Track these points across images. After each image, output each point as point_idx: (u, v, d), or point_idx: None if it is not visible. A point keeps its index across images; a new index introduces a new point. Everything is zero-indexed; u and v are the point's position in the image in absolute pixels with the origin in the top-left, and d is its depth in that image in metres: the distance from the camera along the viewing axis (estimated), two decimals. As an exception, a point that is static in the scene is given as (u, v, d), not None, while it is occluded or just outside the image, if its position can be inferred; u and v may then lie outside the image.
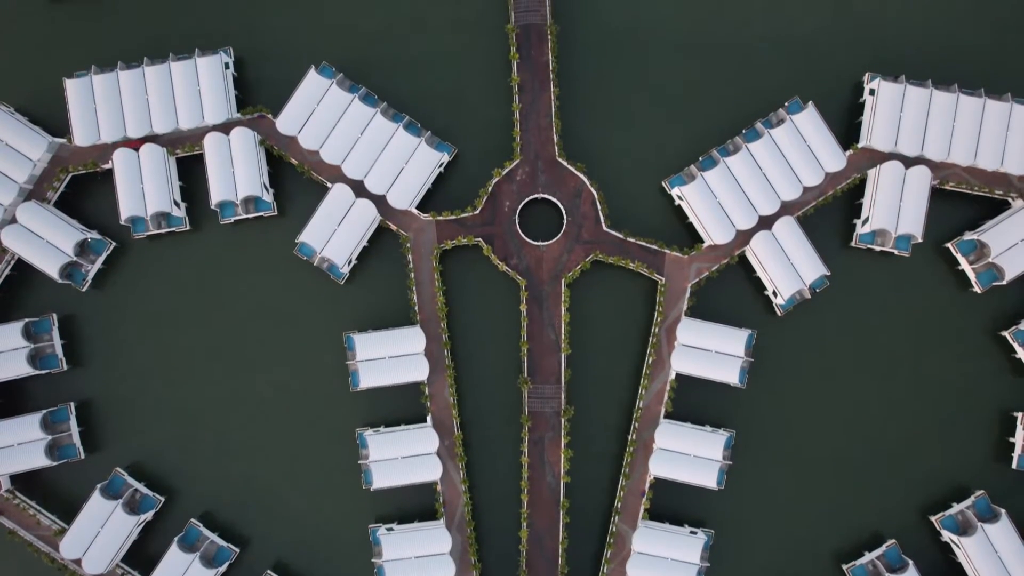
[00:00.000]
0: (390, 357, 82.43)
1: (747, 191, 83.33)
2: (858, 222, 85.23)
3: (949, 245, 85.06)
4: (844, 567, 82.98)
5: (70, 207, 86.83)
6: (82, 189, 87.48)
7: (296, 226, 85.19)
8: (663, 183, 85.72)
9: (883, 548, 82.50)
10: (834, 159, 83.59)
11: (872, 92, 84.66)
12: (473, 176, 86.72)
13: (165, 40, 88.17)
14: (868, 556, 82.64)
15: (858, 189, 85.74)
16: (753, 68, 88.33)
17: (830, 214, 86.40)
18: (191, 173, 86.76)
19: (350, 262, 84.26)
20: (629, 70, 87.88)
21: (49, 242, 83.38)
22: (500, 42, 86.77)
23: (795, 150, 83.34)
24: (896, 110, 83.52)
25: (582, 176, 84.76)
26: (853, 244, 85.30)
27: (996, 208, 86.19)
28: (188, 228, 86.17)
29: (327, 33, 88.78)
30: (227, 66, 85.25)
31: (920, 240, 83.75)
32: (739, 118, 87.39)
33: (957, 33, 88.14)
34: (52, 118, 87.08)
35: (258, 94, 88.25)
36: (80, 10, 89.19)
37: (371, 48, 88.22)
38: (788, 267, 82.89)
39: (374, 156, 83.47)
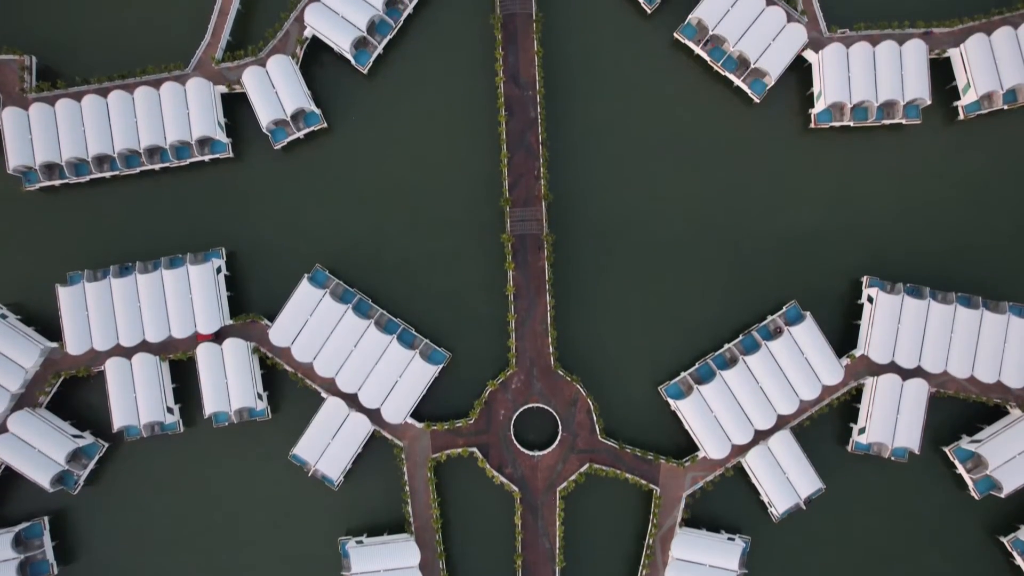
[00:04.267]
0: (385, 571, 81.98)
1: (744, 405, 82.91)
2: (855, 427, 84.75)
3: (947, 451, 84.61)
4: None
5: (62, 403, 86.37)
6: (75, 384, 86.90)
7: (290, 428, 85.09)
8: (660, 390, 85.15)
9: None
10: (831, 373, 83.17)
11: (870, 299, 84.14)
12: (468, 377, 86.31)
13: (160, 236, 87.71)
14: None
15: (856, 391, 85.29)
16: (749, 267, 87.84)
17: (827, 416, 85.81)
18: (185, 371, 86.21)
19: (344, 471, 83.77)
20: (624, 273, 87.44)
21: (40, 451, 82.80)
22: (496, 247, 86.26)
23: (792, 364, 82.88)
24: (894, 321, 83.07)
25: (578, 385, 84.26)
26: (850, 450, 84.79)
27: (995, 408, 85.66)
28: (181, 431, 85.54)
29: (322, 231, 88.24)
30: (219, 270, 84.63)
31: (917, 452, 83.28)
32: (736, 316, 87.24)
33: (954, 236, 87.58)
34: (44, 314, 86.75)
35: (253, 291, 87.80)
36: (74, 206, 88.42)
37: (367, 249, 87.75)
38: (784, 482, 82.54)
39: (368, 369, 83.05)
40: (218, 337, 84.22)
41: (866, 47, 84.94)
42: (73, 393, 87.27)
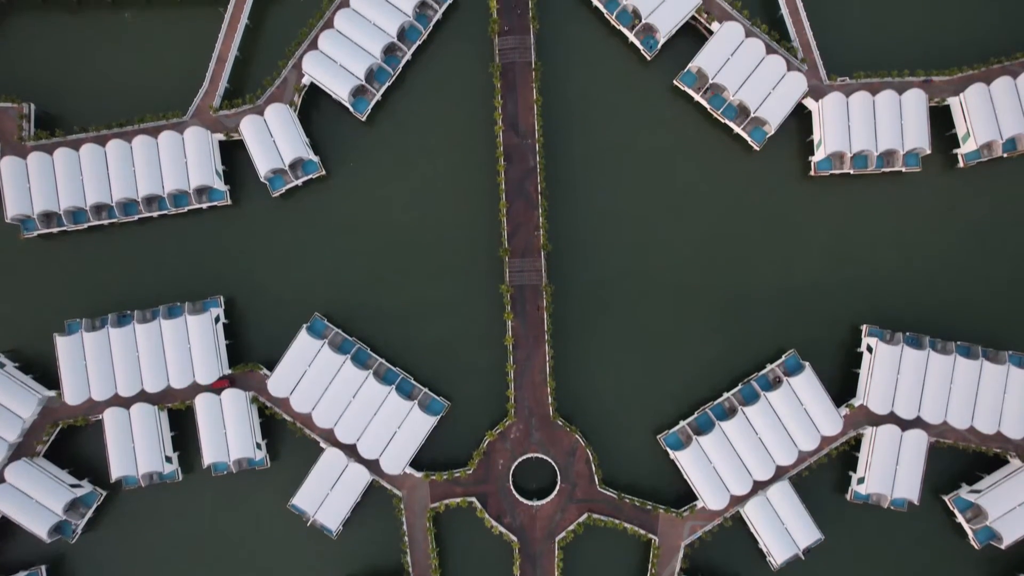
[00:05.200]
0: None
1: (743, 456, 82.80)
2: (854, 476, 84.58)
3: (946, 499, 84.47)
4: None
5: (60, 449, 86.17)
6: (73, 430, 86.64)
7: (289, 476, 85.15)
8: (659, 439, 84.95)
9: None
10: (830, 423, 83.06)
11: (870, 349, 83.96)
12: (467, 425, 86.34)
13: (158, 283, 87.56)
14: None
15: (855, 439, 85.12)
16: (748, 314, 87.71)
17: (826, 464, 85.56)
18: (185, 416, 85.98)
19: (343, 521, 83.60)
20: (623, 322, 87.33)
21: (38, 502, 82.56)
22: (495, 296, 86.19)
23: (791, 415, 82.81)
24: (893, 372, 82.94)
25: (576, 435, 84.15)
26: (849, 499, 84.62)
27: (995, 457, 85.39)
28: (180, 479, 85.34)
29: (321, 278, 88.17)
30: (217, 319, 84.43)
31: (916, 503, 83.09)
32: (736, 364, 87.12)
33: (954, 284, 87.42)
34: (42, 361, 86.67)
35: (252, 338, 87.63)
36: (72, 253, 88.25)
37: (365, 296, 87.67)
38: (783, 532, 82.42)
39: (366, 420, 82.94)
40: (232, 383, 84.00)
41: (866, 96, 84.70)
42: (71, 439, 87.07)
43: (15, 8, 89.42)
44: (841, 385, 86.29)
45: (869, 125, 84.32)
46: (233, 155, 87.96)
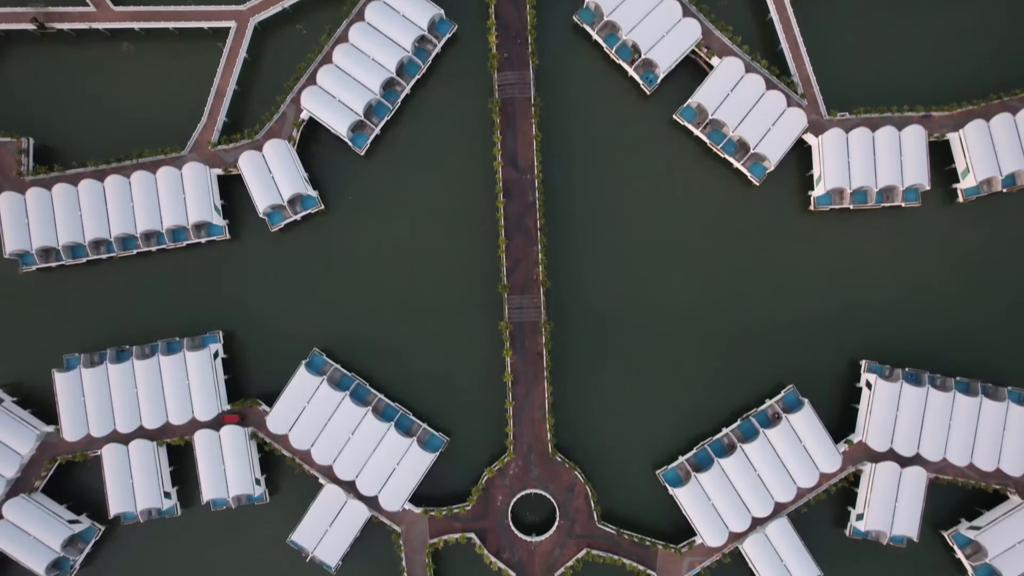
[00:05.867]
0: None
1: (741, 493, 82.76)
2: (853, 512, 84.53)
3: (946, 536, 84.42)
4: None
5: (58, 483, 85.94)
6: (72, 464, 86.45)
7: (288, 511, 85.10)
8: (658, 475, 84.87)
9: None
10: (829, 460, 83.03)
11: (869, 385, 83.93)
12: (466, 460, 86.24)
13: (157, 317, 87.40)
14: None
15: (854, 475, 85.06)
16: (747, 349, 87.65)
17: (825, 501, 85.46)
18: (184, 449, 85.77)
19: (341, 556, 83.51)
20: (623, 358, 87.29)
21: (36, 538, 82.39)
22: (495, 331, 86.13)
23: (790, 451, 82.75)
24: (892, 409, 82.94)
25: (576, 472, 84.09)
26: (848, 534, 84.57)
27: (995, 493, 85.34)
28: (179, 514, 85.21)
29: (320, 312, 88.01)
30: (216, 355, 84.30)
31: (916, 540, 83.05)
32: (735, 398, 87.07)
33: (954, 319, 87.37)
34: (40, 395, 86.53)
35: (251, 372, 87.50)
36: (70, 287, 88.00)
37: (364, 331, 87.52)
38: (782, 569, 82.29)
39: (365, 456, 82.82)
40: (242, 418, 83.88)
41: (866, 132, 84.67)
42: (69, 474, 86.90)
43: (13, 41, 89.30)
44: (840, 419, 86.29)
45: (869, 161, 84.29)
46: (232, 189, 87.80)
